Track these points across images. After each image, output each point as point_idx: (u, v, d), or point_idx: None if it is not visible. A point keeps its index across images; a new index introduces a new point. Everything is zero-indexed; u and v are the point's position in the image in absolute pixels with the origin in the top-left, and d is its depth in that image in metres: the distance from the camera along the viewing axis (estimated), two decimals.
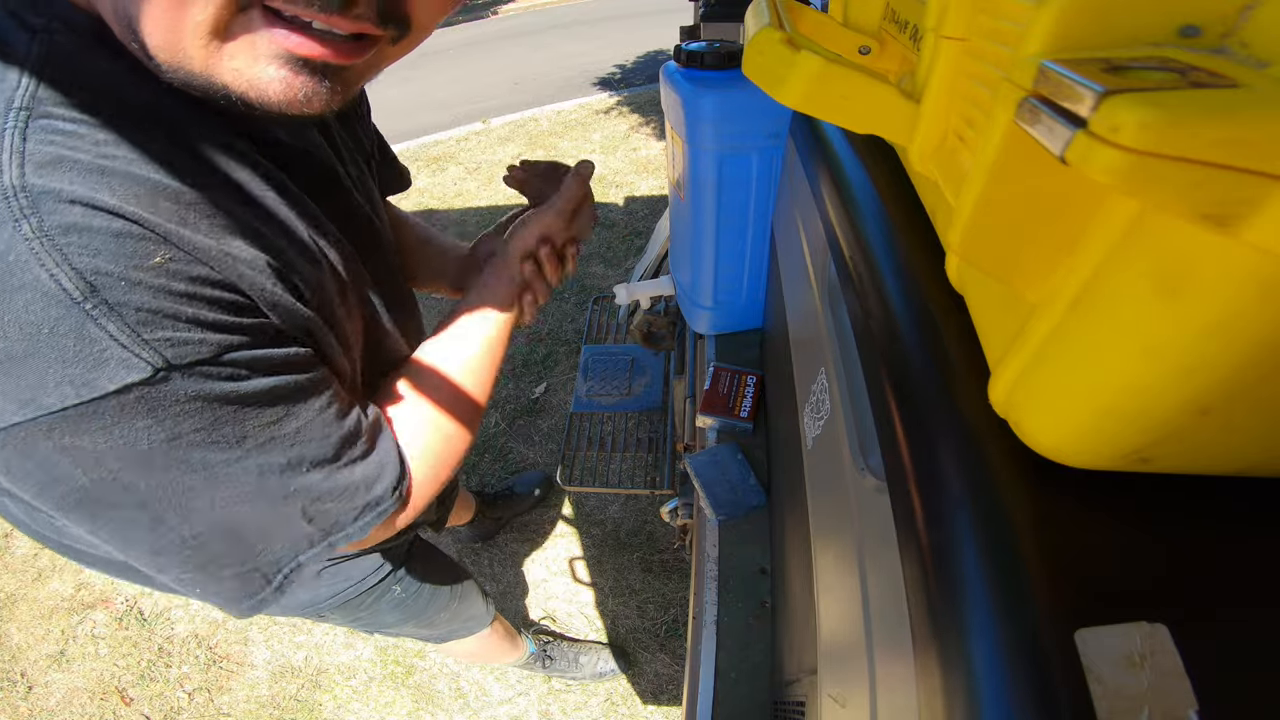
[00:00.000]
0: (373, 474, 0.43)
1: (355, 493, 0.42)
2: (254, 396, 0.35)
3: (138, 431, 0.32)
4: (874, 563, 0.33)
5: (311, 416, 0.39)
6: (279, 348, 0.37)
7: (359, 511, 0.43)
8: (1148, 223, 0.18)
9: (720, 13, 1.07)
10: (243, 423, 0.35)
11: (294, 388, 0.38)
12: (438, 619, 0.94)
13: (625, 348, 1.35)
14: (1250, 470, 0.22)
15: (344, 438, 0.41)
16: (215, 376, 0.33)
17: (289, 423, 0.38)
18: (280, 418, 0.37)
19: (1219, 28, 0.17)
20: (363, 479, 0.43)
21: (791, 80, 0.32)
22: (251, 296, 0.35)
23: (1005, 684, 0.20)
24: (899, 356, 0.33)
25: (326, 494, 0.41)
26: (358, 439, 0.43)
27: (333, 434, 0.41)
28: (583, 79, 4.62)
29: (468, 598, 1.00)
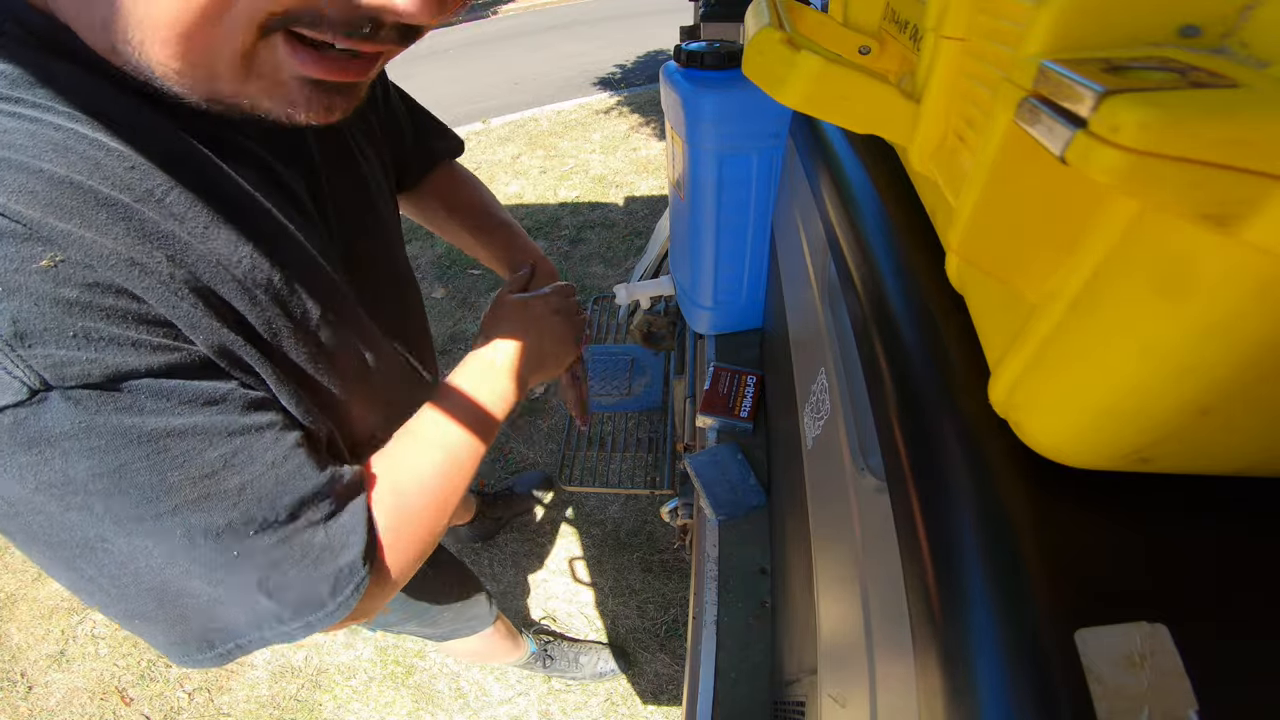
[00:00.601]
0: (339, 539, 0.37)
1: (321, 560, 0.36)
2: (169, 437, 0.30)
3: (21, 468, 0.27)
4: (874, 563, 0.33)
5: (260, 470, 0.33)
6: (206, 380, 0.32)
7: (332, 583, 0.36)
8: (1148, 223, 0.18)
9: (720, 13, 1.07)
10: (159, 472, 0.29)
11: (229, 431, 0.32)
12: (441, 618, 0.94)
13: (625, 348, 1.35)
14: (1250, 470, 0.22)
15: (307, 497, 0.35)
16: (111, 406, 0.28)
17: (229, 477, 0.32)
18: (215, 469, 0.31)
19: (1219, 28, 0.17)
20: (325, 545, 0.36)
21: (791, 80, 0.32)
22: (168, 316, 0.30)
23: (1005, 684, 0.20)
24: (899, 356, 0.33)
25: (283, 560, 0.35)
26: (324, 498, 0.37)
27: (289, 492, 0.35)
28: (583, 79, 4.62)
29: (471, 597, 1.00)
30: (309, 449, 0.37)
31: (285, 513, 0.34)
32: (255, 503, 0.33)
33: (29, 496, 0.28)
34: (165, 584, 0.32)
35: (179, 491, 0.30)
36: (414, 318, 0.66)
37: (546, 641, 1.37)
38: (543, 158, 3.43)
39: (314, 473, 0.36)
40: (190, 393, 0.30)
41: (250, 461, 0.33)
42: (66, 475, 0.28)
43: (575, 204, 2.92)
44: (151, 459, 0.29)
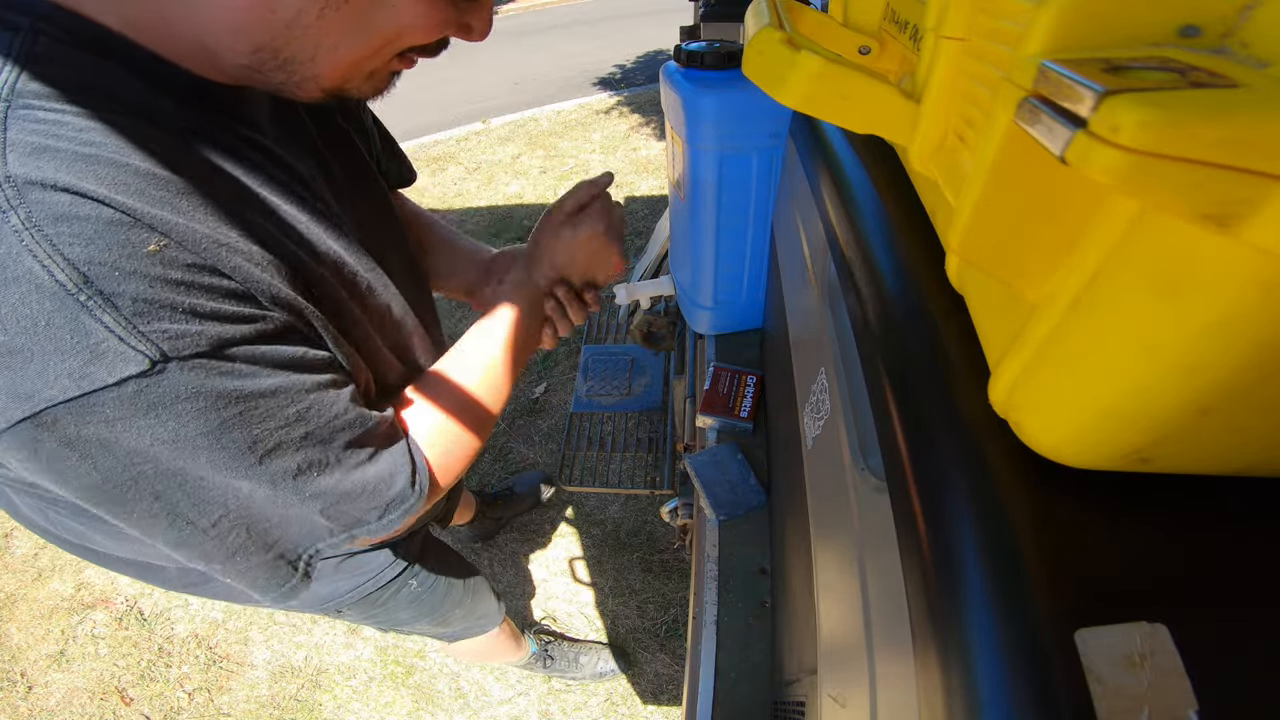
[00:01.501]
0: (386, 473, 0.43)
1: (375, 492, 0.42)
2: (260, 397, 0.34)
3: (140, 429, 0.31)
4: (874, 563, 0.33)
5: (324, 421, 0.38)
6: (285, 345, 0.36)
7: (383, 509, 0.43)
8: (1148, 223, 0.18)
9: (720, 13, 1.07)
10: (249, 426, 0.34)
11: (304, 389, 0.37)
12: (452, 615, 0.95)
13: (625, 348, 1.35)
14: (1250, 470, 0.22)
15: (355, 440, 0.41)
16: (216, 371, 0.32)
17: (298, 427, 0.37)
18: (290, 421, 0.36)
19: (1219, 28, 0.17)
20: (377, 478, 0.42)
21: (791, 80, 0.32)
22: (251, 289, 0.34)
23: (1005, 684, 0.20)
24: (899, 356, 0.33)
25: (344, 496, 0.41)
26: (369, 441, 0.43)
27: (343, 437, 0.40)
28: (583, 79, 4.62)
29: (480, 594, 1.01)
30: (355, 395, 0.42)
31: (337, 455, 0.40)
32: (317, 447, 0.38)
33: (146, 450, 0.32)
34: (252, 517, 0.38)
35: (264, 442, 0.35)
36: (431, 311, 0.70)
37: (547, 642, 1.37)
38: (543, 158, 3.43)
39: (365, 419, 0.42)
40: (275, 357, 0.35)
41: (320, 414, 0.38)
42: (179, 433, 0.32)
43: None
44: (246, 415, 0.34)
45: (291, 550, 0.41)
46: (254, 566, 0.40)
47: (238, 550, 0.39)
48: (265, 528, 0.39)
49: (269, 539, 0.40)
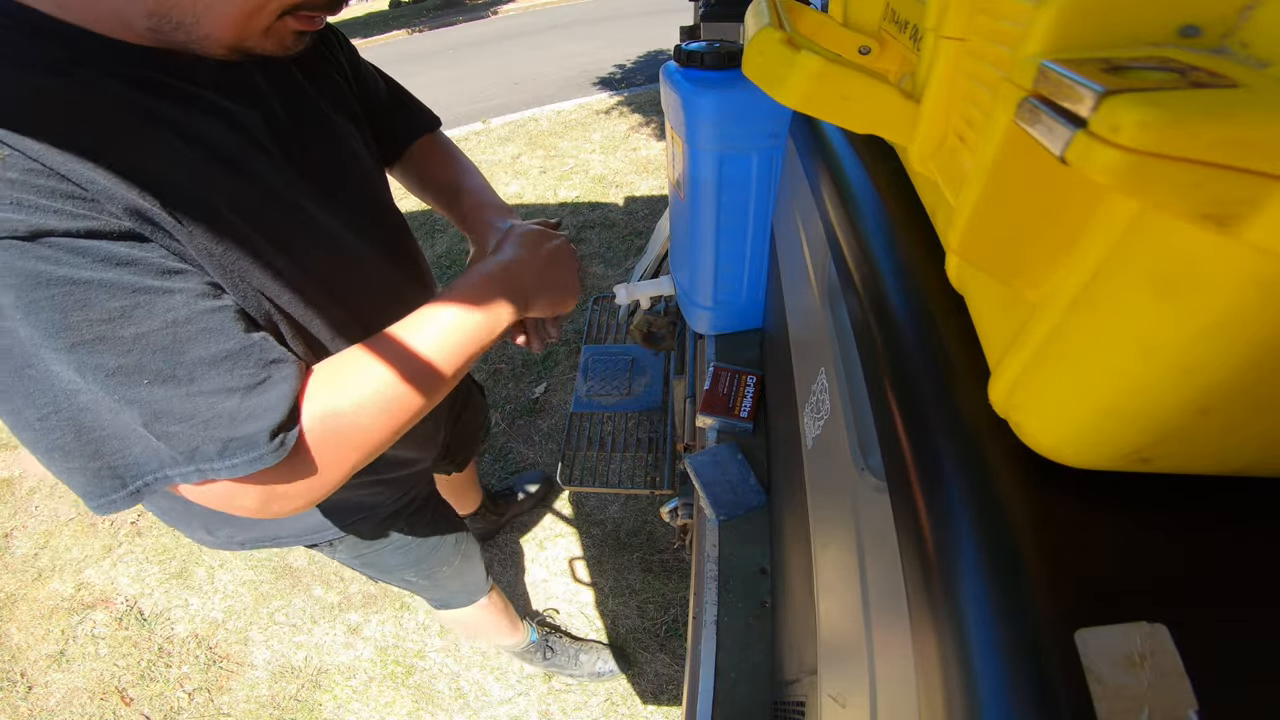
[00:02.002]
0: (244, 411, 0.40)
1: (213, 424, 0.40)
2: (74, 284, 0.35)
3: None
4: (874, 563, 0.33)
5: (157, 326, 0.38)
6: (123, 244, 0.37)
7: (221, 446, 0.40)
8: (1147, 223, 0.18)
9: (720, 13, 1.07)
10: (63, 312, 0.35)
11: (135, 289, 0.37)
12: (439, 573, 0.96)
13: (625, 348, 1.35)
14: (1250, 470, 0.22)
15: (209, 360, 0.40)
16: (30, 255, 0.34)
17: (125, 325, 0.37)
18: (113, 317, 0.36)
19: (1219, 28, 0.17)
20: (228, 413, 0.40)
21: (791, 80, 0.32)
22: (95, 195, 0.36)
23: (1005, 684, 0.20)
24: (899, 356, 0.33)
25: (170, 415, 0.39)
26: (236, 368, 0.41)
27: (189, 352, 0.39)
28: (583, 79, 4.62)
29: (471, 559, 1.02)
30: (236, 322, 0.42)
31: (185, 371, 0.39)
32: (149, 354, 0.38)
33: None
34: (78, 418, 0.38)
35: (77, 330, 0.36)
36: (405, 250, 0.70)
37: (548, 633, 1.38)
38: (543, 158, 3.43)
39: (225, 340, 0.41)
40: (101, 252, 0.36)
41: (148, 316, 0.38)
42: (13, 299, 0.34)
43: (575, 204, 2.92)
44: (56, 300, 0.35)
45: (129, 469, 0.40)
46: (77, 470, 0.39)
47: (60, 449, 0.38)
48: (98, 436, 0.38)
49: (101, 448, 0.39)
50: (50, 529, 1.81)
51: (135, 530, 1.78)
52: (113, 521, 1.81)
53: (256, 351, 0.42)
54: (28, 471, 1.99)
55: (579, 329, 2.16)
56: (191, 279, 0.40)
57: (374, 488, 0.76)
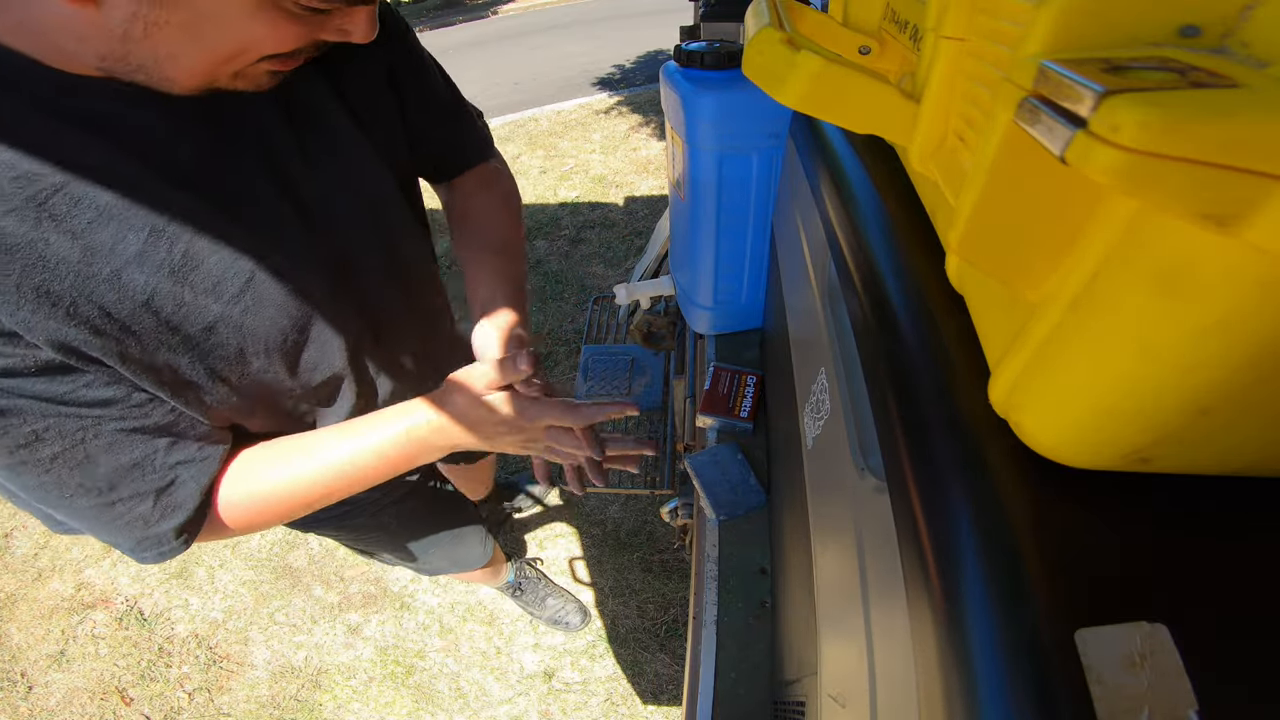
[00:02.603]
0: (156, 514, 0.46)
1: (130, 527, 0.45)
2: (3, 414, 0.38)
3: None
4: (874, 563, 0.33)
5: (69, 445, 0.41)
6: (40, 377, 0.39)
7: (135, 543, 0.46)
8: (1147, 223, 0.18)
9: (720, 13, 1.07)
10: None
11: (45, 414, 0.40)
12: (427, 555, 0.98)
13: (625, 348, 1.35)
14: (1250, 470, 0.22)
15: (120, 469, 0.43)
16: None
17: (41, 448, 0.40)
18: (29, 442, 0.40)
19: (1219, 28, 0.17)
20: (142, 516, 0.45)
21: (791, 80, 0.32)
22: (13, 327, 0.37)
23: (1005, 684, 0.20)
24: (899, 356, 0.33)
25: (92, 521, 0.44)
26: (146, 474, 0.45)
27: (101, 465, 0.43)
28: (583, 79, 4.62)
29: (464, 542, 1.03)
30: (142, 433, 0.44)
31: (101, 482, 0.43)
32: (66, 470, 0.41)
33: None
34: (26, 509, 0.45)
35: (5, 454, 0.39)
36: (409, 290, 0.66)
37: (523, 574, 1.44)
38: (543, 158, 3.43)
39: (131, 451, 0.44)
40: (17, 387, 0.38)
41: (59, 438, 0.41)
42: None
43: (575, 204, 2.92)
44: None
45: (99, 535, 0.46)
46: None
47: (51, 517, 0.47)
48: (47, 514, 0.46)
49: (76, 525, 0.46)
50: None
51: None
52: None
53: (161, 455, 0.45)
54: None
55: (579, 329, 2.16)
56: (112, 408, 0.42)
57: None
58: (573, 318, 2.23)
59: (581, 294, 2.34)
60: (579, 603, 1.46)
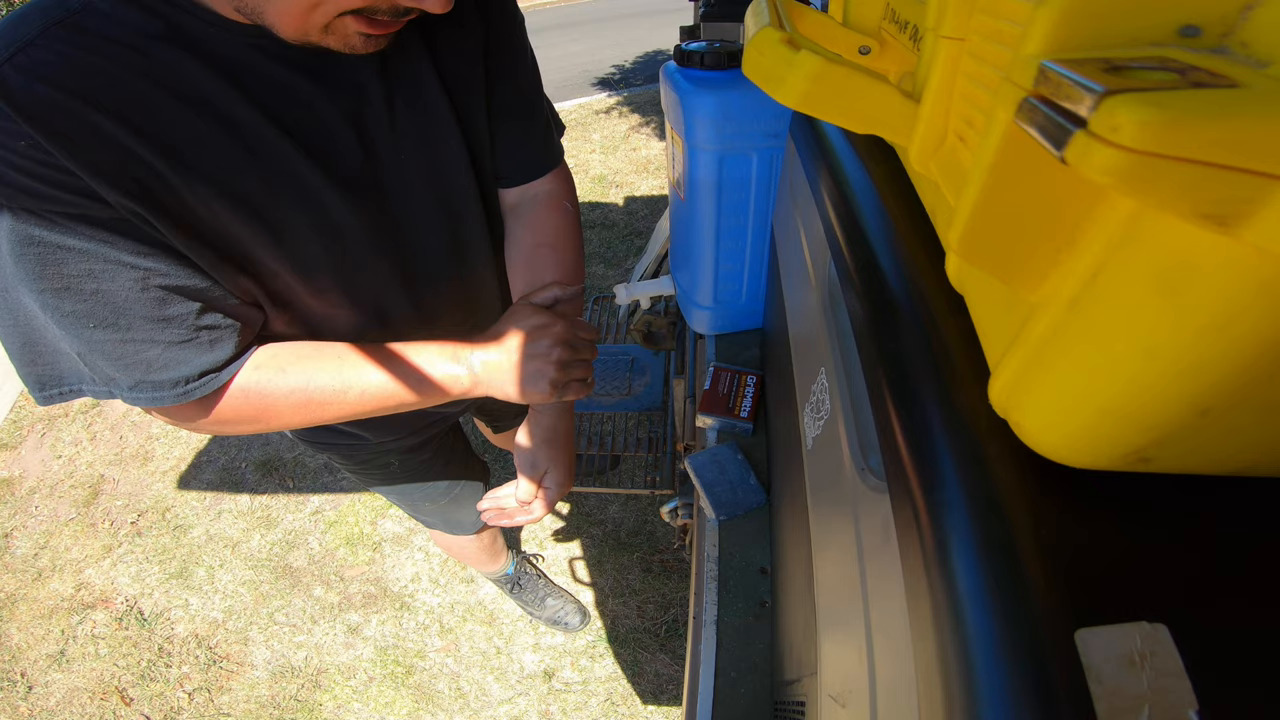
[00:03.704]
0: (161, 361, 0.49)
1: (132, 366, 0.48)
2: (58, 248, 0.43)
3: None
4: (874, 563, 0.33)
5: (115, 288, 0.45)
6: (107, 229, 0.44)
7: (134, 383, 0.49)
8: (1147, 223, 0.18)
9: (720, 13, 1.07)
10: (44, 265, 0.43)
11: (106, 259, 0.44)
12: (423, 507, 1.02)
13: (625, 348, 1.35)
14: (1250, 470, 0.22)
15: (148, 319, 0.47)
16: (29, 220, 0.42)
17: (89, 282, 0.45)
18: (81, 275, 0.44)
19: (1219, 28, 0.17)
20: (147, 360, 0.48)
21: (791, 80, 0.32)
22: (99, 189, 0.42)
23: (1005, 684, 0.20)
24: (899, 356, 0.33)
25: (101, 353, 0.47)
26: (168, 328, 0.48)
27: (134, 310, 0.47)
28: (583, 79, 4.62)
29: (461, 503, 1.05)
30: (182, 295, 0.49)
31: (125, 321, 0.47)
32: (101, 306, 0.46)
33: None
34: (28, 335, 0.47)
35: (49, 280, 0.44)
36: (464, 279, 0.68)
37: (523, 570, 1.43)
38: None
39: (166, 308, 0.48)
40: (87, 231, 0.43)
41: (110, 280, 0.45)
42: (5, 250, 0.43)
43: None
44: (40, 255, 0.43)
45: (53, 379, 0.49)
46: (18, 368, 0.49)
47: (12, 353, 0.48)
48: (38, 351, 0.48)
49: (37, 359, 0.48)
50: (50, 529, 1.81)
51: (135, 530, 1.78)
52: (113, 522, 1.81)
53: (191, 319, 0.49)
54: (28, 471, 1.99)
55: None
56: (160, 260, 0.47)
57: (364, 426, 0.79)
58: None
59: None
60: (578, 603, 1.46)
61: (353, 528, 1.72)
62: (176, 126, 0.45)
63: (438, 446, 0.94)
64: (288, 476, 1.87)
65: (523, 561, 1.46)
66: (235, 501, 1.82)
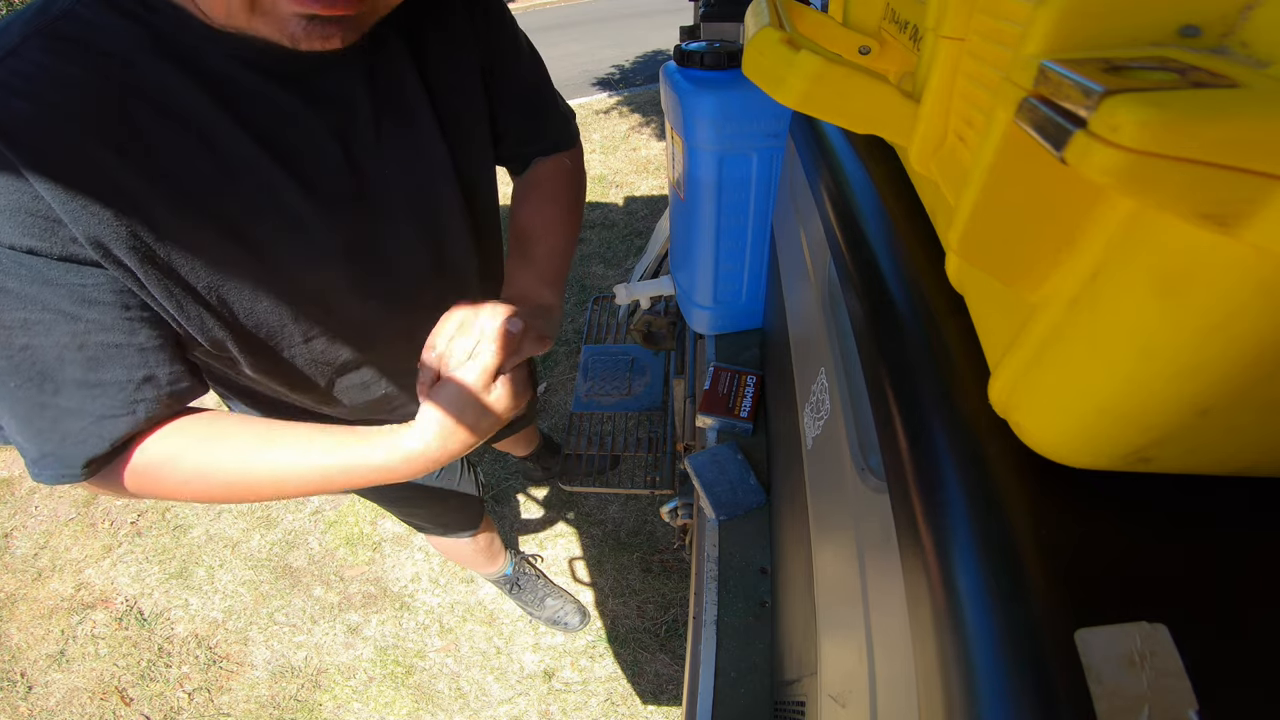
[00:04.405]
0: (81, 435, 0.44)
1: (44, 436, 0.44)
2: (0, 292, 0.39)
3: None
4: (874, 563, 0.33)
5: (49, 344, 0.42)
6: (60, 264, 0.40)
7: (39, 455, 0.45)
8: (1147, 223, 0.18)
9: (720, 13, 1.07)
10: None
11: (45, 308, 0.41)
12: (419, 514, 1.02)
13: (625, 348, 1.35)
14: (1250, 470, 0.22)
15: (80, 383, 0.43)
16: None
17: (20, 335, 0.41)
18: (12, 325, 0.41)
19: (1219, 28, 0.17)
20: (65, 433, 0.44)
21: (791, 80, 0.32)
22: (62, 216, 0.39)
23: (1005, 684, 0.20)
24: (899, 357, 0.33)
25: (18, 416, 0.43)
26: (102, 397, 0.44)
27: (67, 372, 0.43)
28: (583, 79, 4.62)
29: (456, 510, 1.06)
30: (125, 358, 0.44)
31: (53, 385, 0.43)
32: (29, 364, 0.42)
33: None
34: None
35: None
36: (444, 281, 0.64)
37: (522, 570, 1.43)
38: None
39: (104, 371, 0.44)
40: (32, 269, 0.40)
41: (45, 334, 0.41)
42: None
43: None
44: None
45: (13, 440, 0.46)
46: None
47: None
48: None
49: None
50: (50, 529, 1.81)
51: (135, 530, 1.78)
52: (112, 522, 1.81)
53: (130, 390, 0.45)
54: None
55: (579, 329, 2.16)
56: (108, 311, 0.43)
57: None
58: (573, 318, 2.23)
59: (581, 294, 2.34)
60: (578, 603, 1.46)
61: (352, 528, 1.72)
62: (156, 143, 0.42)
63: None
64: None
65: (522, 562, 1.46)
66: None
